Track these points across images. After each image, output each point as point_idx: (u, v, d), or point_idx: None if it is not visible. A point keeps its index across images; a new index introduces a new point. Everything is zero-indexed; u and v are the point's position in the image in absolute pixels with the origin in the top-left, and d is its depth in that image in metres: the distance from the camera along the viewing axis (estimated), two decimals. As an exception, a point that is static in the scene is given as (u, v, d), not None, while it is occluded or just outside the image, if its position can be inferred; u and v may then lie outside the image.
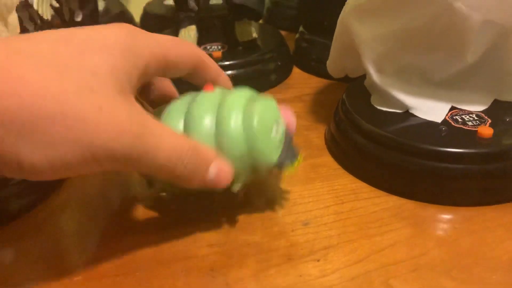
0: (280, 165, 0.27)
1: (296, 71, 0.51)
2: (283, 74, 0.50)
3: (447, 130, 0.31)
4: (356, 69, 0.37)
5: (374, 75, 0.33)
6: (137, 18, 0.66)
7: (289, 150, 0.28)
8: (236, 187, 0.27)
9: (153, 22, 0.62)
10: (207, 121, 0.26)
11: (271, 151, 0.27)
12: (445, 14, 0.30)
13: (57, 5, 0.43)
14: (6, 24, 0.28)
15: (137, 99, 0.25)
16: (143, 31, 0.25)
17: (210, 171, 0.25)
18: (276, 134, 0.27)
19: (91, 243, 0.29)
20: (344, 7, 0.35)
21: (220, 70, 0.30)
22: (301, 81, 0.49)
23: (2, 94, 0.18)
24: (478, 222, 0.29)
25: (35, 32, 0.22)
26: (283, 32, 0.58)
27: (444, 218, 0.29)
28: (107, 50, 0.22)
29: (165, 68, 0.26)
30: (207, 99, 0.27)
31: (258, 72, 0.47)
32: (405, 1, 0.31)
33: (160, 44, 0.25)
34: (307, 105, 0.44)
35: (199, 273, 0.26)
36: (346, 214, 0.30)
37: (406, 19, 0.31)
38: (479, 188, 0.30)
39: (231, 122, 0.26)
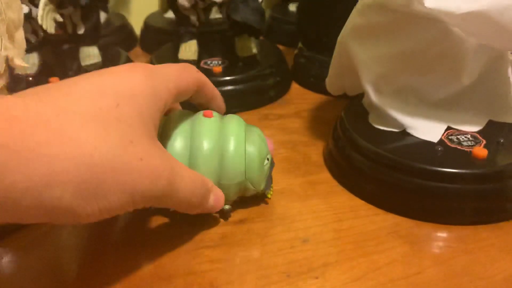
0: (262, 192, 0.32)
1: (294, 86, 0.52)
2: (282, 90, 0.50)
3: (443, 150, 0.32)
4: (355, 88, 0.38)
5: (372, 95, 0.34)
6: (137, 30, 0.67)
7: (269, 178, 0.32)
8: (227, 207, 0.31)
9: (153, 35, 0.63)
10: (212, 153, 0.28)
11: (261, 180, 0.31)
12: (442, 38, 0.31)
13: (61, 19, 0.44)
14: (13, 40, 0.29)
15: None
16: (157, 68, 0.26)
17: (210, 198, 0.28)
18: (266, 165, 0.31)
19: (91, 258, 0.29)
20: (343, 27, 0.36)
21: (214, 87, 0.32)
22: (300, 97, 0.50)
23: (59, 156, 0.19)
24: (473, 241, 0.29)
25: (67, 81, 0.23)
26: (281, 48, 0.59)
27: (440, 237, 0.30)
28: (135, 100, 0.24)
29: (176, 98, 0.28)
30: (208, 127, 0.29)
31: (257, 87, 0.48)
32: (402, 25, 0.32)
33: (172, 79, 0.27)
34: (306, 121, 0.45)
35: (200, 290, 0.26)
36: (345, 232, 0.30)
37: (404, 41, 0.32)
38: (474, 208, 0.30)
39: (237, 157, 0.29)
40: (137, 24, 0.67)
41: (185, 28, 0.51)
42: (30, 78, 0.46)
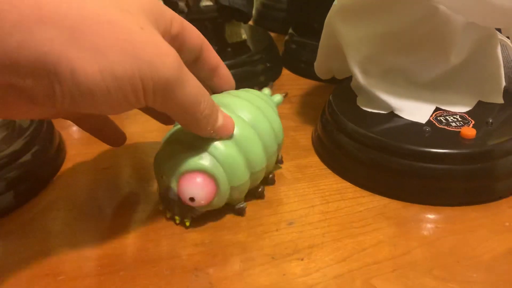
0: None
1: (285, 72, 0.52)
2: (272, 75, 0.50)
3: (431, 131, 0.31)
4: (343, 71, 0.38)
5: (360, 77, 0.34)
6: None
7: None
8: (243, 205, 0.30)
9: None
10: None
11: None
12: (429, 16, 0.31)
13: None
14: None
15: None
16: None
17: (219, 118, 0.26)
18: None
19: (76, 242, 0.29)
20: (330, 9, 0.35)
21: (218, 57, 0.31)
22: (290, 82, 0.49)
23: None
24: (461, 222, 0.29)
25: None
26: (272, 34, 0.58)
27: (427, 218, 0.30)
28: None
29: (182, 41, 0.26)
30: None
31: (247, 73, 0.47)
32: (389, 4, 0.31)
33: (177, 19, 0.26)
34: (295, 106, 0.44)
35: (183, 273, 0.26)
36: (331, 214, 0.30)
37: (390, 21, 0.32)
38: (462, 188, 0.30)
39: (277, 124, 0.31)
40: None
41: (174, 14, 0.50)
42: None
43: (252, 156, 0.28)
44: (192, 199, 0.26)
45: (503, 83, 0.34)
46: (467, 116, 0.33)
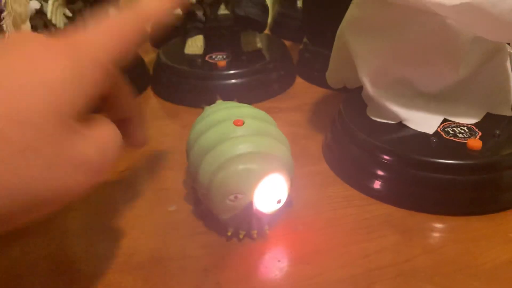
0: None
1: (299, 81, 0.53)
2: (285, 84, 0.51)
3: (438, 142, 0.32)
4: (354, 81, 0.38)
5: (369, 88, 0.34)
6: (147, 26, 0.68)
7: None
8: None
9: (163, 30, 0.64)
10: None
11: None
12: (438, 29, 0.31)
13: (70, 14, 0.45)
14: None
15: None
16: (79, 38, 0.22)
17: None
18: None
19: (92, 242, 0.30)
20: (342, 21, 0.36)
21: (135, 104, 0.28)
22: (303, 91, 0.50)
23: None
24: (464, 231, 0.29)
25: None
26: (288, 43, 0.59)
27: (432, 227, 0.30)
28: (48, 89, 0.19)
29: (117, 61, 0.23)
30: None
31: (261, 81, 0.48)
32: (398, 17, 0.32)
33: (102, 44, 0.22)
34: (307, 114, 0.45)
35: (192, 273, 0.27)
36: (337, 221, 0.31)
37: (400, 34, 0.32)
38: (467, 199, 0.31)
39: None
40: (147, 20, 0.68)
41: (192, 23, 0.51)
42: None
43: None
44: (279, 201, 0.29)
45: (512, 96, 0.35)
46: (475, 128, 0.33)
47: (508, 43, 0.34)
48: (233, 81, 0.47)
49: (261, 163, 0.28)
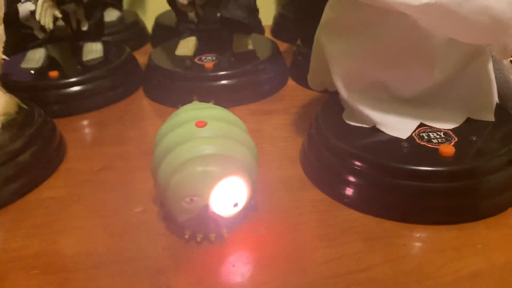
0: None
1: (290, 83, 0.52)
2: (276, 86, 0.51)
3: (409, 147, 0.31)
4: (333, 83, 0.37)
5: (343, 91, 0.34)
6: (150, 28, 0.69)
7: None
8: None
9: (164, 32, 0.64)
10: None
11: None
12: (409, 31, 0.30)
13: (59, 15, 0.46)
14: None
15: None
16: None
17: None
18: None
19: (56, 239, 0.30)
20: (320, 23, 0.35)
21: None
22: (293, 93, 0.50)
23: None
24: (430, 241, 0.28)
25: None
26: (287, 45, 0.59)
27: (397, 235, 0.29)
28: None
29: None
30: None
31: (249, 82, 0.48)
32: (370, 19, 0.31)
33: None
34: (292, 117, 0.44)
35: (146, 275, 0.27)
36: (301, 226, 0.30)
37: (372, 36, 0.31)
38: (436, 207, 0.29)
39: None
40: (150, 22, 0.69)
41: (184, 24, 0.52)
42: (32, 72, 0.48)
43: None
44: (235, 204, 0.28)
45: (495, 101, 0.33)
46: (452, 133, 0.32)
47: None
48: (220, 82, 0.47)
49: (219, 165, 0.27)
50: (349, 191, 0.32)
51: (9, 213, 0.33)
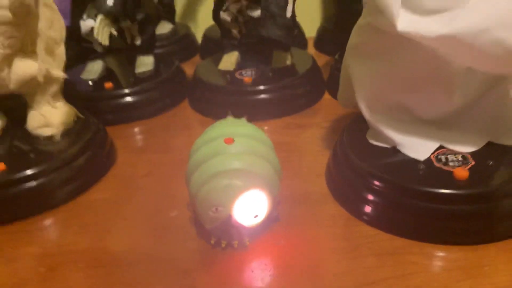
0: None
1: (327, 97, 0.54)
2: (312, 99, 0.53)
3: (425, 169, 0.32)
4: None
5: (366, 112, 0.36)
6: (199, 38, 0.74)
7: None
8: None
9: (211, 45, 0.68)
10: None
11: None
12: (430, 58, 0.32)
13: (115, 33, 0.51)
14: (53, 55, 0.36)
15: None
16: None
17: None
18: None
19: (108, 238, 0.35)
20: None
21: None
22: (328, 107, 0.52)
23: None
24: (440, 260, 0.30)
25: None
26: (328, 58, 0.61)
27: (408, 252, 0.31)
28: None
29: None
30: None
31: (286, 97, 0.51)
32: (392, 45, 0.33)
33: None
34: (324, 132, 0.47)
35: (173, 274, 0.30)
36: (319, 238, 0.33)
37: (394, 61, 0.33)
38: (446, 228, 0.31)
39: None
40: (200, 33, 0.73)
41: (228, 40, 0.55)
42: (90, 83, 0.54)
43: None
44: (256, 216, 0.31)
45: (518, 125, 0.34)
46: (470, 157, 0.33)
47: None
48: (258, 96, 0.50)
49: (242, 180, 0.30)
50: (367, 209, 0.33)
51: (63, 212, 0.38)
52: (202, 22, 0.77)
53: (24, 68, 0.39)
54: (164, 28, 0.71)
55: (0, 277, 0.31)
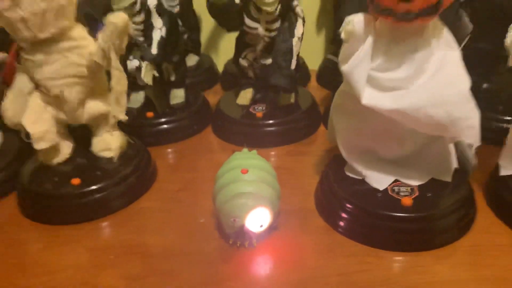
0: None
1: (322, 129, 0.67)
2: (310, 131, 0.66)
3: (382, 196, 0.45)
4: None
5: (343, 152, 0.49)
6: (220, 67, 0.87)
7: None
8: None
9: (229, 78, 0.81)
10: None
11: None
12: (387, 120, 0.45)
13: (157, 74, 0.64)
14: (119, 104, 0.50)
15: None
16: None
17: None
18: None
19: (150, 235, 0.48)
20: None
21: None
22: (322, 138, 0.65)
23: None
24: (390, 261, 0.43)
25: None
26: (327, 92, 0.74)
27: (367, 255, 0.44)
28: None
29: None
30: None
31: (289, 129, 0.64)
32: (361, 108, 0.46)
33: None
34: (318, 159, 0.60)
35: (200, 264, 0.44)
36: (305, 243, 0.46)
37: (362, 119, 0.46)
38: (396, 239, 0.44)
39: None
40: (222, 62, 0.87)
41: (245, 79, 0.68)
42: (135, 112, 0.67)
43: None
44: (261, 225, 0.44)
45: (453, 167, 0.47)
46: (416, 189, 0.46)
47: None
48: (268, 128, 0.63)
49: (253, 200, 0.44)
50: (341, 223, 0.47)
51: (120, 216, 0.51)
52: (223, 53, 0.91)
53: (94, 107, 0.53)
54: (191, 60, 0.84)
55: (86, 260, 0.45)
